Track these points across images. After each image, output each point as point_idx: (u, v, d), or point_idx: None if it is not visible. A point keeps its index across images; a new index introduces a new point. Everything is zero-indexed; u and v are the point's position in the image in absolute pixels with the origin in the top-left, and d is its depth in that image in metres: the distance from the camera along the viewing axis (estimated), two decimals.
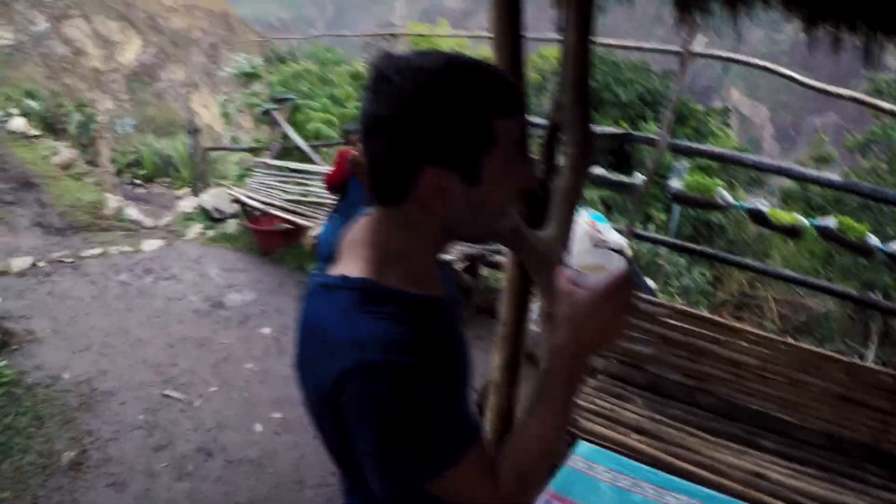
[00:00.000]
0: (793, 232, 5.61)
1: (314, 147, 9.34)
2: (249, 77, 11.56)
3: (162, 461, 3.87)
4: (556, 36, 2.48)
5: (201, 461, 3.89)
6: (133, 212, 9.68)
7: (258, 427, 4.25)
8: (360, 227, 1.25)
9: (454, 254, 5.35)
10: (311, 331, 1.16)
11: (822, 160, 11.66)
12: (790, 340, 3.43)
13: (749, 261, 6.74)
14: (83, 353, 5.01)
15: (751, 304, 7.83)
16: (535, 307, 2.61)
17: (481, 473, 1.11)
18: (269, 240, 7.45)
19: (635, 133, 6.87)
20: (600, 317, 1.09)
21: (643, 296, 3.67)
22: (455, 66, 1.06)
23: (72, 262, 7.00)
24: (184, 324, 5.66)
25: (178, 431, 4.16)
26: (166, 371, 4.86)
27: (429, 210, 1.11)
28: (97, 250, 7.46)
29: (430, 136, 1.05)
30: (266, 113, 9.70)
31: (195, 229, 8.56)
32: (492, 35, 2.23)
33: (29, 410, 4.19)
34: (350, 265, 1.17)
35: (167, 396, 4.53)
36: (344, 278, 1.14)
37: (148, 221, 9.46)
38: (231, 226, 8.48)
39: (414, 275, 1.18)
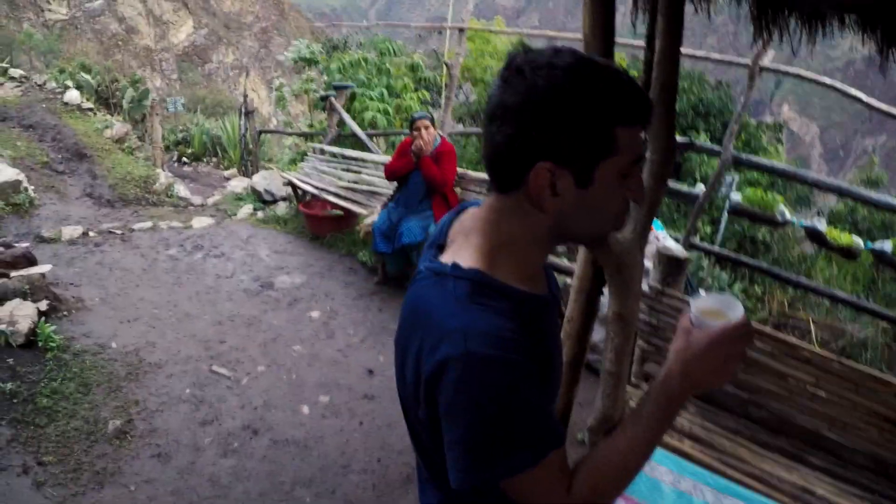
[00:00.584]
0: (848, 253, 5.55)
1: (370, 136, 9.37)
2: (307, 63, 11.61)
3: (207, 436, 3.90)
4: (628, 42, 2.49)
5: (247, 439, 3.91)
6: (182, 189, 9.80)
7: (305, 409, 4.26)
8: (471, 216, 1.26)
9: None
10: (419, 315, 1.17)
11: (872, 182, 11.48)
12: (844, 360, 3.38)
13: (799, 277, 6.66)
14: (131, 324, 5.08)
15: (790, 324, 7.75)
16: (604, 307, 2.60)
17: (557, 479, 1.13)
18: (321, 224, 7.47)
19: (699, 143, 6.80)
20: (711, 359, 1.10)
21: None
22: (586, 68, 1.06)
23: (121, 234, 7.11)
24: (233, 302, 5.70)
25: (224, 408, 4.18)
26: (214, 347, 4.90)
27: (537, 204, 1.12)
28: (147, 224, 7.56)
29: (549, 131, 1.06)
30: (324, 99, 9.74)
31: (245, 209, 8.62)
32: (582, 35, 2.22)
33: (76, 377, 4.25)
34: (462, 253, 1.19)
35: (215, 372, 4.56)
36: (455, 267, 1.16)
37: (196, 199, 9.59)
38: (282, 208, 8.52)
39: (523, 270, 1.19)
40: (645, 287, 3.51)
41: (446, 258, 1.20)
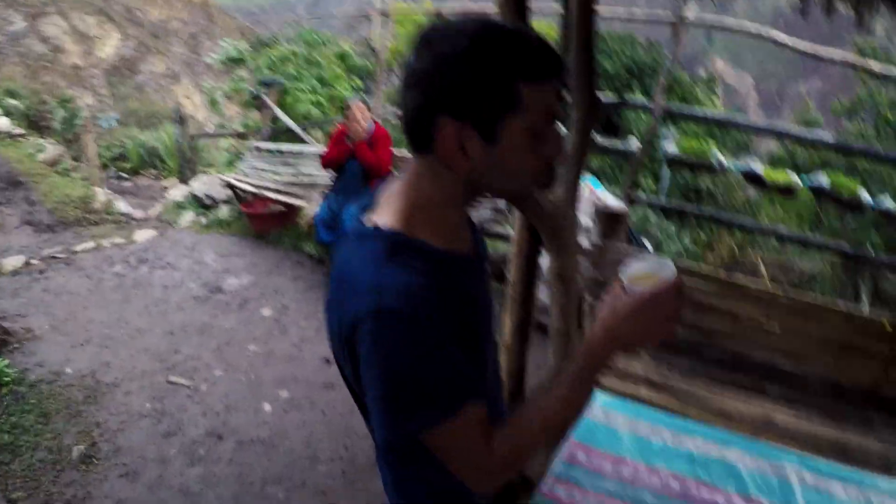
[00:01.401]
0: (787, 190, 5.66)
1: (304, 128, 9.31)
2: (236, 62, 11.49)
3: (172, 447, 3.87)
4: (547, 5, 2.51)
5: (212, 445, 3.90)
6: (122, 205, 9.63)
7: (266, 407, 4.26)
8: (397, 179, 1.29)
9: None
10: (341, 276, 1.20)
11: (808, 125, 11.73)
12: (791, 293, 3.46)
13: (743, 219, 6.79)
14: (84, 347, 5.00)
15: (741, 267, 7.90)
16: (545, 268, 2.62)
17: (477, 433, 1.17)
18: (264, 222, 7.43)
19: (629, 100, 6.89)
20: (637, 321, 1.13)
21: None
22: (488, 29, 1.09)
23: (65, 258, 6.97)
24: (183, 311, 5.64)
25: (186, 417, 4.16)
26: (169, 358, 4.85)
27: (449, 162, 1.15)
28: (90, 244, 7.41)
29: (452, 89, 1.09)
30: (255, 97, 9.66)
31: (187, 217, 8.51)
32: (496, 7, 2.23)
33: (34, 408, 4.17)
34: (384, 216, 1.22)
35: (172, 383, 4.52)
36: (376, 228, 1.20)
37: (138, 213, 9.41)
38: (224, 211, 8.42)
39: (443, 230, 1.23)
40: (587, 244, 3.56)
41: (370, 221, 1.24)
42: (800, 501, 2.03)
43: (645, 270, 1.17)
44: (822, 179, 5.53)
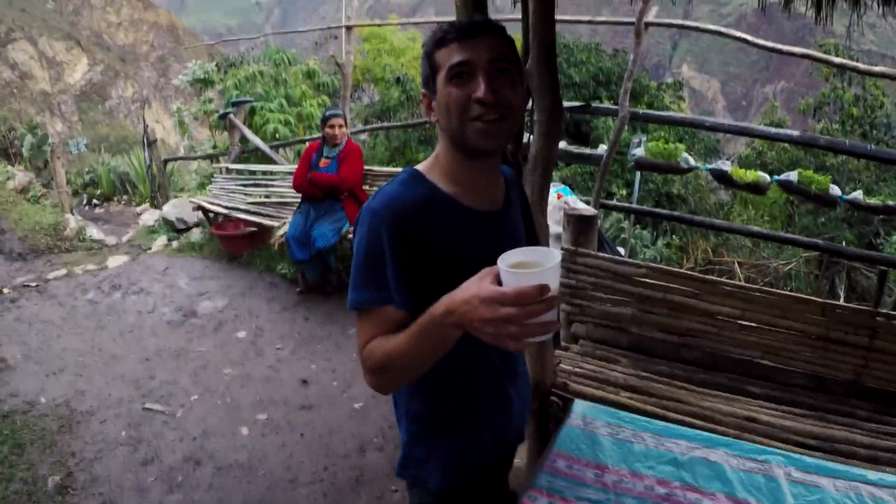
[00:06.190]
0: (756, 188, 5.65)
1: (274, 147, 9.29)
2: (203, 83, 11.45)
3: (150, 475, 3.79)
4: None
5: (190, 471, 3.82)
6: (94, 231, 9.55)
7: (244, 431, 4.19)
8: None
9: None
10: None
11: (776, 125, 11.88)
12: (765, 288, 3.45)
13: (716, 220, 6.81)
14: (58, 376, 4.92)
15: (716, 269, 7.94)
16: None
17: (369, 331, 1.46)
18: (236, 244, 7.38)
19: (595, 105, 6.92)
20: (472, 308, 1.19)
21: (613, 258, 3.67)
22: (434, 29, 1.50)
23: (37, 286, 6.89)
24: (158, 336, 5.58)
25: (163, 444, 4.08)
26: (145, 384, 4.78)
27: (431, 120, 1.53)
28: (62, 272, 7.34)
29: (422, 71, 1.52)
30: (223, 118, 9.62)
31: (159, 241, 8.48)
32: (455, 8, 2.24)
33: (8, 439, 4.09)
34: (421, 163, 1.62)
35: (148, 410, 4.44)
36: (411, 167, 1.57)
37: (110, 240, 9.34)
38: (195, 234, 8.40)
39: (452, 179, 1.54)
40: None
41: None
42: (788, 498, 2.00)
43: (520, 259, 1.21)
44: (792, 175, 5.54)
